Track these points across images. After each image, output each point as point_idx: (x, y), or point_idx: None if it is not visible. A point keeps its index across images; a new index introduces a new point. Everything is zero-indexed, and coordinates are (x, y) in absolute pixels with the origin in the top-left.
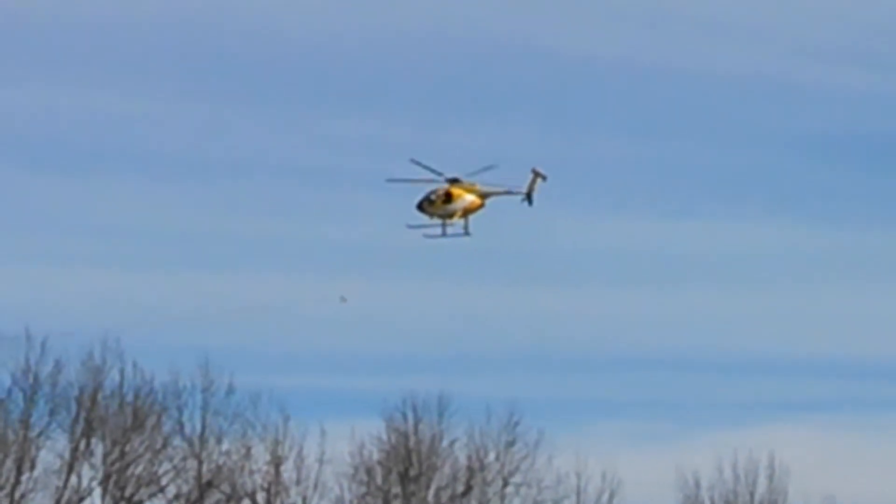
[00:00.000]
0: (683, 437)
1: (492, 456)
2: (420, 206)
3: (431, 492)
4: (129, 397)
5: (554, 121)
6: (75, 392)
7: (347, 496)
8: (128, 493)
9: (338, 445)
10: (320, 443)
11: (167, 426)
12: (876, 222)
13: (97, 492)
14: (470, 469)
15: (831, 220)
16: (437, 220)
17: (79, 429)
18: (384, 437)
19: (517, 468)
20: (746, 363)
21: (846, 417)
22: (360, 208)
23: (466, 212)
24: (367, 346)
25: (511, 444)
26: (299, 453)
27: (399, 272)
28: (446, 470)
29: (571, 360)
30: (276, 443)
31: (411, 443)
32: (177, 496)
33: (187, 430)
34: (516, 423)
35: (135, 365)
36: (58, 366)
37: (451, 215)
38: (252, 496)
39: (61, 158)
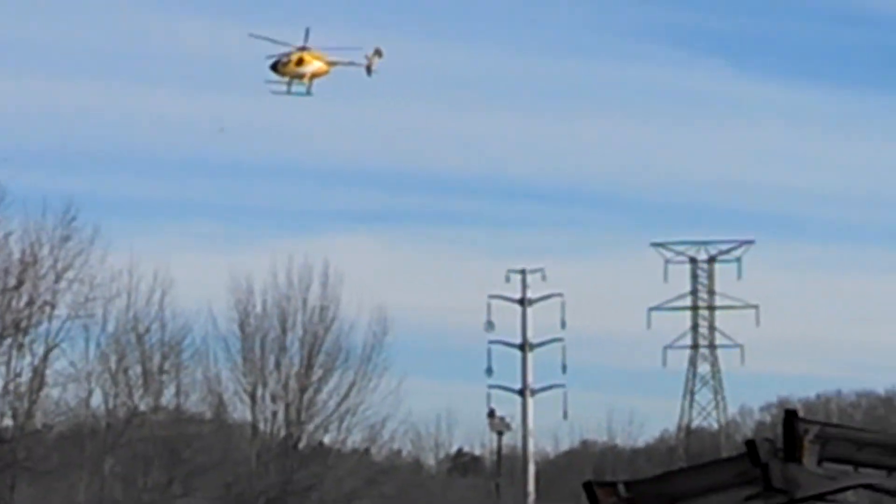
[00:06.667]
0: (240, 241)
1: (46, 250)
2: (274, 67)
3: None
4: None
5: None
6: None
7: None
8: None
9: None
10: None
11: None
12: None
13: None
14: (23, 262)
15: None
16: (286, 80)
17: None
18: None
19: (71, 264)
20: (311, 173)
21: (402, 230)
22: None
23: (314, 76)
24: None
25: (66, 239)
26: None
27: None
28: None
29: (132, 160)
30: None
31: None
32: None
33: None
34: (72, 219)
35: None
36: None
37: (300, 77)
38: None
39: None
